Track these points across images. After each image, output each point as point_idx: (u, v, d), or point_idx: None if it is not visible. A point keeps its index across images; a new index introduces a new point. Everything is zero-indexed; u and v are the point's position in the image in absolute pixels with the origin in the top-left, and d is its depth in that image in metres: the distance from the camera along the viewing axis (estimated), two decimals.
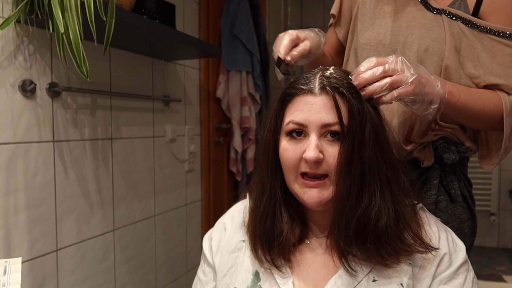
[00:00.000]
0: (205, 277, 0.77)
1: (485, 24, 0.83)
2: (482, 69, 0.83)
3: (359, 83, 0.66)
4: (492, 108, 0.80)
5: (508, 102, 0.81)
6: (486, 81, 0.83)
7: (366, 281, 0.62)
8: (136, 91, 1.45)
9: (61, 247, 1.16)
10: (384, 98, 0.66)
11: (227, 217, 0.80)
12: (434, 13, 0.86)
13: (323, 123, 0.61)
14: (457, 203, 0.90)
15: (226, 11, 2.05)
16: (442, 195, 0.90)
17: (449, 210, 0.89)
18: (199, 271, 0.80)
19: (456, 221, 0.89)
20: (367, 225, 0.61)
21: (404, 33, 0.87)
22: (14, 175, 1.02)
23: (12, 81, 1.01)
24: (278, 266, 0.67)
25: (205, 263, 0.78)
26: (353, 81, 0.66)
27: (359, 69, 0.67)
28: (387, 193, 0.62)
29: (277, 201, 0.68)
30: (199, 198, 1.90)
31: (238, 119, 2.07)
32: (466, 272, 0.65)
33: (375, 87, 0.65)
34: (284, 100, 0.66)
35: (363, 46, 0.92)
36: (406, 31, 0.87)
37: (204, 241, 0.80)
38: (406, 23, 0.88)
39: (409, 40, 0.87)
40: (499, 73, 0.83)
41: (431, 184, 0.89)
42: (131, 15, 1.11)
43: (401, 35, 0.88)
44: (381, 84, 0.65)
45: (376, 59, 0.67)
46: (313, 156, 0.60)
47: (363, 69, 0.66)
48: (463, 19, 0.83)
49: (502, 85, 0.83)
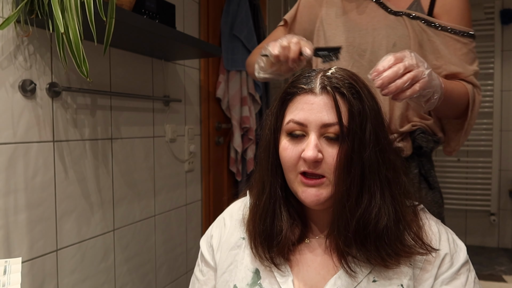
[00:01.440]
0: (203, 276, 0.77)
1: (440, 23, 0.95)
2: (443, 60, 0.94)
3: (383, 82, 0.68)
4: (462, 95, 0.91)
5: (470, 89, 0.92)
6: (447, 70, 0.94)
7: (366, 282, 0.62)
8: (136, 91, 1.45)
9: (61, 247, 1.16)
10: (405, 93, 0.69)
11: (226, 214, 0.80)
12: (396, 15, 0.97)
13: (323, 123, 0.61)
14: (435, 189, 0.99)
15: (226, 11, 2.05)
16: (422, 183, 0.97)
17: (429, 197, 0.97)
18: (196, 270, 0.80)
19: (436, 206, 0.98)
20: (367, 226, 0.60)
21: (372, 35, 0.98)
22: (14, 175, 1.02)
23: (12, 81, 1.01)
24: (277, 264, 0.67)
25: (203, 263, 0.78)
26: (375, 81, 0.68)
27: (378, 68, 0.69)
28: (387, 194, 0.62)
29: (277, 199, 0.68)
30: (199, 198, 1.90)
31: (238, 119, 2.07)
32: (468, 272, 0.65)
33: (398, 84, 0.68)
34: (285, 99, 0.66)
35: None
36: (373, 33, 0.98)
37: (201, 242, 0.80)
38: (372, 26, 0.99)
39: (377, 39, 0.97)
40: (457, 63, 0.94)
41: (413, 174, 0.96)
42: (131, 15, 1.11)
43: (369, 36, 0.98)
44: (403, 81, 0.69)
45: (393, 56, 0.70)
46: (312, 156, 0.60)
47: (383, 68, 0.69)
48: (422, 18, 0.96)
49: (461, 74, 0.94)
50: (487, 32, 2.80)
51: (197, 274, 0.79)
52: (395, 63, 0.69)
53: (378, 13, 0.99)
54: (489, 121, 2.82)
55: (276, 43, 0.85)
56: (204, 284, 0.76)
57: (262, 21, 2.27)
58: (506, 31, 2.79)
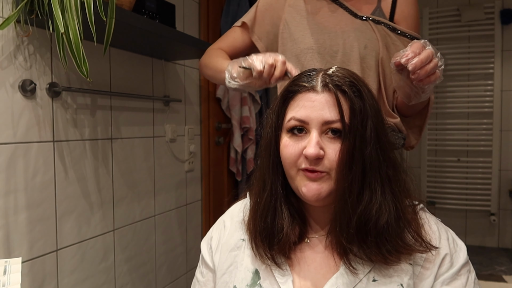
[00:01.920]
0: (203, 277, 0.77)
1: (400, 29, 1.02)
2: None
3: (416, 65, 0.71)
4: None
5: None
6: None
7: (366, 281, 0.62)
8: (136, 91, 1.45)
9: (61, 247, 1.16)
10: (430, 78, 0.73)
11: (226, 216, 0.80)
12: (362, 20, 1.03)
13: (324, 120, 0.61)
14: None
15: (226, 11, 2.05)
16: None
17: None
18: (197, 272, 0.80)
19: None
20: (368, 222, 0.61)
21: (342, 37, 1.02)
22: (14, 175, 1.02)
23: (12, 81, 1.01)
24: (278, 263, 0.67)
25: (203, 265, 0.78)
26: (409, 64, 0.71)
27: (408, 53, 0.72)
28: (388, 191, 0.62)
29: (278, 197, 0.68)
30: (199, 198, 1.90)
31: (238, 119, 2.07)
32: (468, 273, 0.65)
33: (429, 68, 0.72)
34: (286, 97, 0.67)
35: (306, 51, 1.03)
36: (342, 35, 1.02)
37: (202, 244, 0.80)
38: (340, 29, 1.03)
39: (348, 41, 1.01)
40: None
41: None
42: (131, 15, 1.11)
43: (339, 38, 1.02)
44: (432, 66, 0.72)
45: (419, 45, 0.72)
46: (314, 153, 0.60)
47: (414, 53, 0.71)
48: (385, 24, 1.03)
49: None
50: (487, 32, 2.80)
51: (198, 276, 0.79)
52: (422, 49, 0.72)
53: (344, 17, 1.04)
54: (489, 121, 2.82)
55: (259, 58, 0.86)
56: (204, 285, 0.76)
57: None
58: (506, 31, 2.78)
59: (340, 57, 1.02)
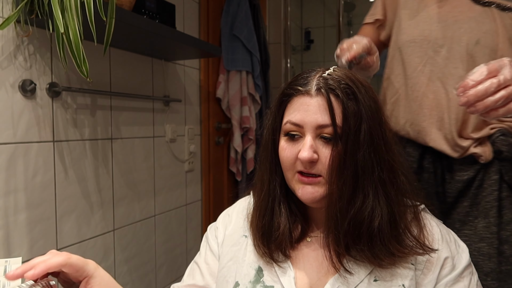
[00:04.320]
0: (207, 264, 0.76)
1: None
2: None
3: (468, 100, 0.60)
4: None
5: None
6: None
7: (367, 282, 0.62)
8: (136, 91, 1.45)
9: (61, 247, 1.16)
10: (498, 112, 0.60)
11: (232, 210, 0.81)
12: (483, 6, 0.83)
13: (318, 124, 0.62)
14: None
15: (226, 11, 2.05)
16: (505, 191, 0.86)
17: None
18: (199, 260, 0.79)
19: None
20: (360, 226, 0.61)
21: (451, 28, 0.84)
22: (14, 175, 1.02)
23: (12, 81, 1.01)
24: (278, 261, 0.67)
25: (210, 252, 0.77)
26: (460, 98, 0.61)
27: (467, 83, 0.60)
28: (382, 195, 0.62)
29: (275, 197, 0.69)
30: (199, 198, 1.90)
31: (238, 119, 2.07)
32: (471, 275, 0.65)
33: (489, 102, 0.59)
34: (282, 101, 0.67)
35: (408, 44, 0.90)
36: (453, 26, 0.84)
37: (208, 231, 0.80)
38: (453, 18, 0.85)
39: (457, 34, 0.84)
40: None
41: (491, 180, 0.86)
42: (131, 15, 1.11)
43: (448, 30, 0.85)
44: (495, 99, 0.59)
45: (487, 69, 0.60)
46: (307, 157, 0.61)
47: (473, 82, 0.60)
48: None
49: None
50: None
51: (200, 263, 0.78)
52: (488, 78, 0.59)
53: (461, 2, 0.86)
54: None
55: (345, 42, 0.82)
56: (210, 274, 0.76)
57: (262, 21, 2.27)
58: None
59: (444, 53, 0.87)
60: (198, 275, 0.78)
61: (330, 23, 3.51)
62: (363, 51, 0.80)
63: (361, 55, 0.80)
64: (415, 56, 0.90)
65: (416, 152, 0.96)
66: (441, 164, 0.93)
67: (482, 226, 0.88)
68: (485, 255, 0.87)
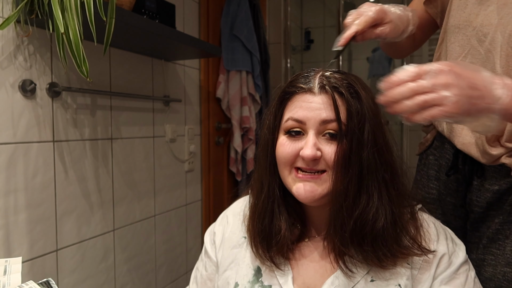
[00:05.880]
0: (206, 271, 0.77)
1: None
2: None
3: (386, 99, 0.57)
4: None
5: None
6: None
7: (364, 282, 0.62)
8: (136, 91, 1.45)
9: (61, 247, 1.16)
10: (414, 117, 0.56)
11: (229, 212, 0.80)
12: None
13: (321, 120, 0.61)
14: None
15: (226, 11, 2.05)
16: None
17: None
18: (199, 265, 0.80)
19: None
20: (364, 226, 0.61)
21: (499, 13, 0.72)
22: (14, 175, 1.02)
23: (12, 81, 1.01)
24: (277, 263, 0.67)
25: (207, 258, 0.78)
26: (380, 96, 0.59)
27: (391, 79, 0.56)
28: (385, 195, 0.62)
29: (275, 199, 0.68)
30: (199, 198, 1.90)
31: (238, 119, 2.07)
32: (467, 272, 0.65)
33: (403, 106, 0.55)
34: (283, 98, 0.67)
35: (452, 29, 0.80)
36: (501, 11, 0.71)
37: (205, 236, 0.80)
38: (502, 0, 0.72)
39: (503, 21, 0.71)
40: None
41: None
42: (131, 15, 1.11)
43: (494, 15, 0.72)
44: (410, 105, 0.54)
45: (414, 69, 0.55)
46: (310, 154, 0.60)
47: (397, 80, 0.56)
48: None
49: None
50: None
51: (201, 269, 0.79)
52: (411, 80, 0.55)
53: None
54: None
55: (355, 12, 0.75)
56: (208, 279, 0.77)
57: (262, 21, 2.27)
58: None
59: (487, 44, 0.74)
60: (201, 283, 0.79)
61: (330, 23, 3.50)
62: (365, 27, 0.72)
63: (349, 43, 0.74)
64: (457, 44, 0.79)
65: (453, 150, 0.88)
66: (472, 168, 0.84)
67: (511, 249, 0.79)
68: (510, 282, 0.78)
